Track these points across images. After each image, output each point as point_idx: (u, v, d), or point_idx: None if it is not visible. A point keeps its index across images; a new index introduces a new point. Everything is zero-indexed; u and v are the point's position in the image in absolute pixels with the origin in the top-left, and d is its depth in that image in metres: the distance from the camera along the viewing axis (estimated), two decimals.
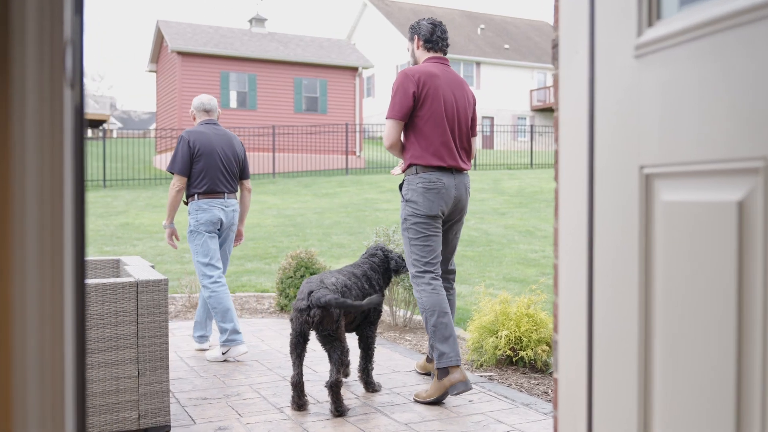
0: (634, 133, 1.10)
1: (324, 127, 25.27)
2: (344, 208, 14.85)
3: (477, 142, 4.24)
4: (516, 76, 40.26)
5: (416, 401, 3.88)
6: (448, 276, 4.34)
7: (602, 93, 1.23)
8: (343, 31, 52.28)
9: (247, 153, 22.77)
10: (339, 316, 3.66)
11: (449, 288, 4.34)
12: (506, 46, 41.41)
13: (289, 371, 4.48)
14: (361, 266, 4.14)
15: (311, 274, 6.75)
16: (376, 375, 4.42)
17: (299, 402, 3.69)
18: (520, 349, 4.66)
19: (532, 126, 27.56)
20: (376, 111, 37.94)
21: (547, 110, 40.38)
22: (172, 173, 4.91)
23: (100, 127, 40.96)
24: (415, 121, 3.98)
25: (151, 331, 3.35)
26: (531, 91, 40.51)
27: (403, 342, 5.56)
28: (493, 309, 4.85)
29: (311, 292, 3.67)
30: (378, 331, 5.91)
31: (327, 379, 4.03)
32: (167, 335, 3.38)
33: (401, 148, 4.08)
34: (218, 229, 4.94)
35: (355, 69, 27.01)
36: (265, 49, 25.64)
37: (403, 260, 4.26)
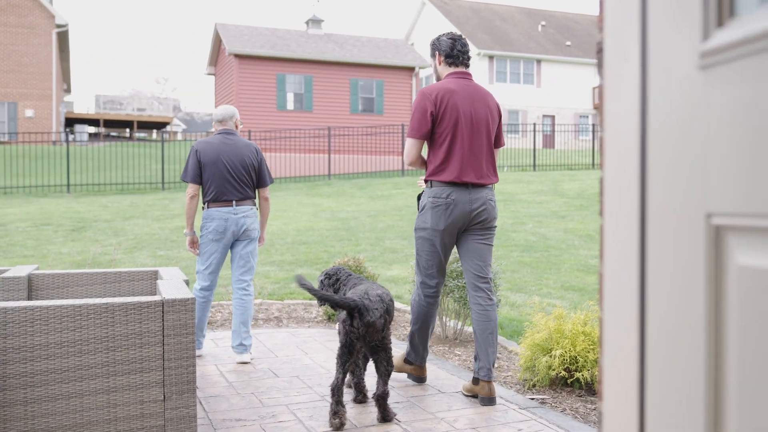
0: (698, 168, 0.83)
1: (380, 128, 25.10)
2: (398, 211, 14.62)
3: (500, 152, 4.25)
4: (578, 73, 39.33)
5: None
6: (480, 285, 4.21)
7: (657, 112, 0.96)
8: (402, 31, 52.05)
9: (307, 154, 22.67)
10: (384, 327, 3.68)
11: (486, 298, 4.19)
12: (568, 43, 40.50)
13: (328, 389, 4.30)
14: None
15: None
16: (419, 396, 4.18)
17: (336, 409, 3.60)
18: (576, 370, 4.34)
19: (594, 125, 26.81)
20: None
21: None
22: (186, 182, 5.13)
23: (162, 130, 41.76)
24: (433, 137, 4.12)
25: (177, 352, 3.18)
26: (593, 88, 39.52)
27: (452, 357, 5.30)
28: (547, 325, 4.55)
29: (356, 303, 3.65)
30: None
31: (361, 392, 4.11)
32: (194, 357, 3.21)
33: (423, 164, 4.27)
34: (231, 238, 5.08)
35: (411, 69, 26.77)
36: (321, 50, 25.62)
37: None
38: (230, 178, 5.02)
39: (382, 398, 3.66)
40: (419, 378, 4.52)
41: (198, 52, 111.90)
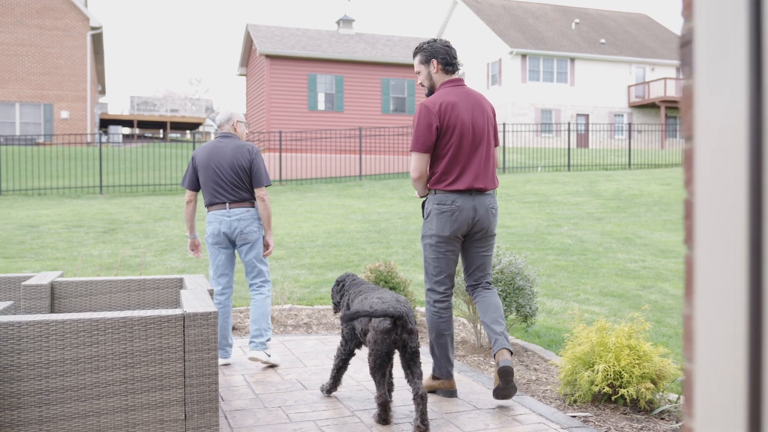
0: None
1: (412, 128, 24.84)
2: None
3: (498, 154, 4.31)
4: (612, 71, 38.66)
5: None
6: (479, 284, 4.39)
7: None
8: (434, 30, 51.72)
9: (338, 155, 22.45)
10: (416, 332, 3.76)
11: (484, 288, 4.37)
12: (602, 40, 39.84)
13: (359, 403, 4.14)
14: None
15: (391, 288, 6.37)
16: (453, 413, 3.97)
17: (385, 417, 3.73)
18: (620, 386, 4.10)
19: (630, 124, 26.27)
20: None
21: (646, 107, 38.60)
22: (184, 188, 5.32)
23: (195, 130, 42.01)
24: (436, 149, 4.18)
25: (199, 369, 3.02)
26: (629, 86, 38.82)
27: (487, 368, 5.08)
28: (589, 338, 4.31)
29: (392, 311, 3.67)
30: (461, 353, 5.47)
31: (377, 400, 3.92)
32: (216, 374, 3.04)
33: (427, 180, 4.26)
34: (229, 240, 5.07)
35: None
36: (352, 50, 25.47)
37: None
38: (219, 181, 5.02)
39: (425, 397, 3.57)
40: (450, 392, 4.32)
41: (231, 53, 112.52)
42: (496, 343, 4.12)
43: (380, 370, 3.68)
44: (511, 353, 4.11)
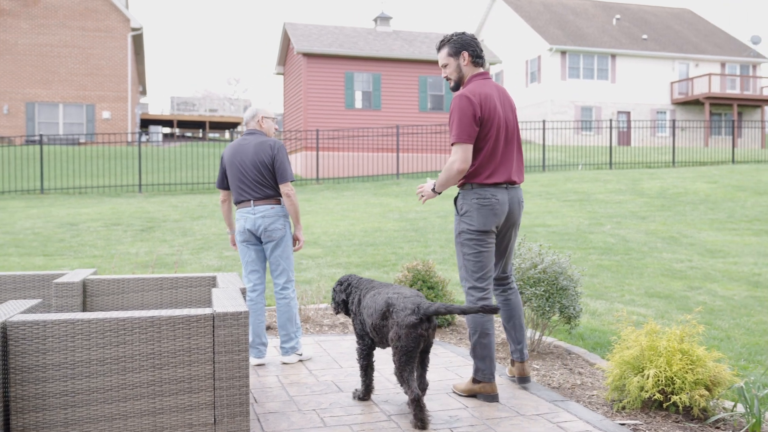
0: None
1: (449, 121, 24.61)
2: None
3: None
4: (655, 68, 37.87)
5: (454, 391, 4.30)
6: (503, 282, 4.44)
7: None
8: (472, 27, 51.33)
9: (375, 153, 22.30)
10: None
11: (508, 288, 4.44)
12: (644, 36, 39.06)
13: (396, 407, 3.99)
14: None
15: (429, 288, 6.21)
16: (495, 419, 3.78)
17: (422, 416, 3.58)
18: (672, 393, 3.87)
19: (673, 121, 25.65)
20: None
21: (690, 104, 37.72)
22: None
23: (234, 130, 42.29)
24: (475, 142, 4.11)
25: (229, 371, 2.89)
26: (671, 83, 37.98)
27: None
28: (638, 341, 4.10)
29: (419, 306, 3.65)
30: (501, 356, 5.28)
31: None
32: (247, 377, 2.91)
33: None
34: (255, 237, 5.03)
35: None
36: (389, 47, 25.32)
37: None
38: (243, 178, 4.98)
39: (426, 387, 3.85)
40: (491, 396, 4.14)
41: (268, 53, 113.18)
42: (515, 353, 4.41)
43: (408, 366, 3.61)
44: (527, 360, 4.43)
